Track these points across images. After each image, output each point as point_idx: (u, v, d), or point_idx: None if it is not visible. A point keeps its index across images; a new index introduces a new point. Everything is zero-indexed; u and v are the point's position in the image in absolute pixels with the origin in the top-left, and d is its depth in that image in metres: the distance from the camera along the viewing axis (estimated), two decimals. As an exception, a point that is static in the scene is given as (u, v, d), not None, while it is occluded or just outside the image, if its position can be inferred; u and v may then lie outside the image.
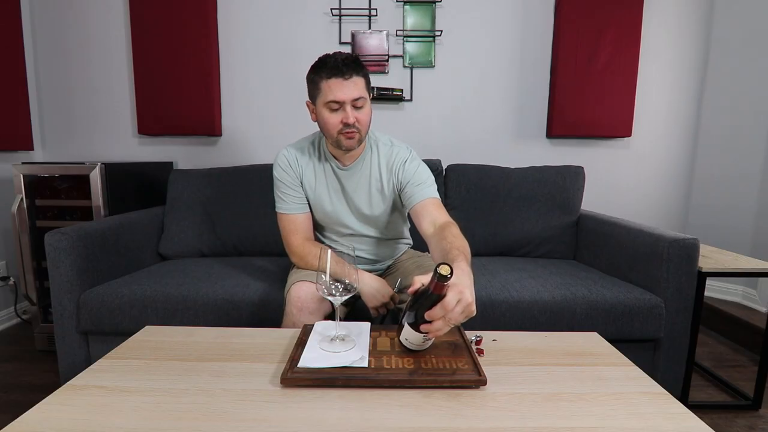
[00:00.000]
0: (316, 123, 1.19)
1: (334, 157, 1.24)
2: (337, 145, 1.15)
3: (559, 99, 2.14)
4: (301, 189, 1.26)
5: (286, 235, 1.25)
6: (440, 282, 0.70)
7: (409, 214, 1.22)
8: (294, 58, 2.16)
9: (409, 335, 0.79)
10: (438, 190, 1.22)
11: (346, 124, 1.10)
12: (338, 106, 1.09)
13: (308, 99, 1.17)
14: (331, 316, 1.13)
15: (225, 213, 1.81)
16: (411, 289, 0.77)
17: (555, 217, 1.84)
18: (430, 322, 0.73)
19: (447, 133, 2.24)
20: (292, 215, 1.25)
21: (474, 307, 0.74)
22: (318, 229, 1.35)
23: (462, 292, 0.72)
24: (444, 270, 0.70)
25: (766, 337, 1.43)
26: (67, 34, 2.17)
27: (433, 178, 1.23)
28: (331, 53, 1.10)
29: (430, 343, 0.82)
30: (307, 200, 1.27)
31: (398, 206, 1.30)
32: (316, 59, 1.12)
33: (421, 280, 0.77)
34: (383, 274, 1.39)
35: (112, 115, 2.22)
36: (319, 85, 1.10)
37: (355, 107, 1.10)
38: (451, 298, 0.71)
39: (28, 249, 1.74)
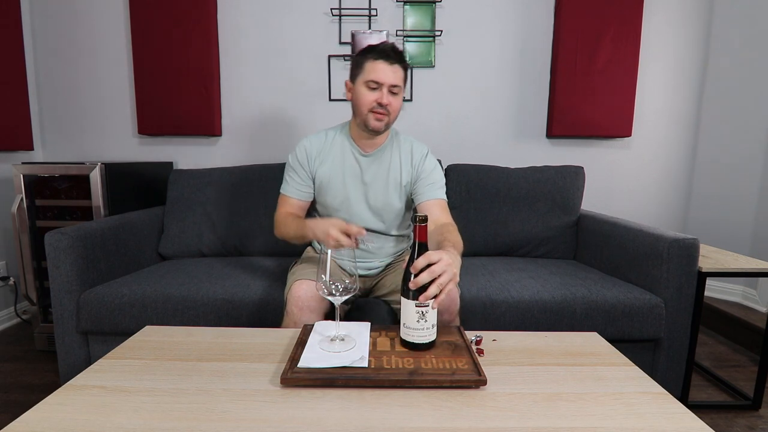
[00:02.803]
0: (348, 104, 1.27)
1: (357, 145, 1.28)
2: (365, 124, 1.21)
3: (559, 99, 2.14)
4: (310, 182, 1.30)
5: (277, 209, 1.31)
6: (420, 224, 0.81)
7: (414, 208, 1.28)
8: (294, 58, 2.16)
9: (405, 317, 0.82)
10: (439, 190, 1.26)
11: (380, 104, 1.17)
12: (376, 86, 1.17)
13: (348, 79, 1.25)
14: (331, 313, 1.13)
15: (225, 213, 1.81)
16: (404, 265, 0.85)
17: (555, 217, 1.84)
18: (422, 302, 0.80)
19: (447, 133, 2.24)
20: (291, 198, 1.30)
21: (456, 270, 0.82)
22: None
23: (441, 253, 0.81)
24: (421, 215, 0.82)
25: (766, 337, 1.43)
26: (67, 34, 2.17)
27: (444, 180, 1.30)
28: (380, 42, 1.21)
29: (429, 334, 0.83)
30: (314, 190, 1.31)
31: (409, 204, 1.34)
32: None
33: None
34: (382, 272, 1.39)
35: (112, 115, 2.22)
36: (363, 65, 1.18)
37: (391, 92, 1.18)
38: (432, 252, 0.81)
39: (28, 249, 1.74)
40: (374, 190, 1.29)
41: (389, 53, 1.16)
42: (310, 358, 0.78)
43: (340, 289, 0.84)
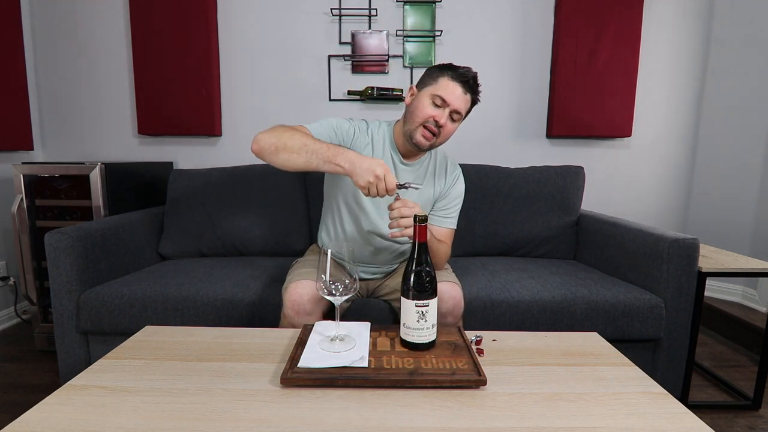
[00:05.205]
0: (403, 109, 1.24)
1: (399, 150, 1.26)
2: (410, 135, 1.18)
3: (559, 99, 2.14)
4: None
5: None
6: (420, 224, 0.84)
7: None
8: (294, 58, 2.16)
9: (405, 317, 0.84)
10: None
11: (436, 122, 1.14)
12: (441, 104, 1.14)
13: (414, 85, 1.22)
14: (329, 313, 1.13)
15: (225, 213, 1.81)
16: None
17: (555, 217, 1.84)
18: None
19: (447, 133, 2.24)
20: (308, 130, 1.16)
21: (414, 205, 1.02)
22: (341, 223, 1.31)
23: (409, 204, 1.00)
24: (421, 215, 0.85)
25: (766, 337, 1.43)
26: (67, 35, 2.17)
27: (460, 207, 1.32)
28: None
29: (429, 334, 0.83)
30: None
31: None
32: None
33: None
34: (383, 278, 1.38)
35: (112, 115, 2.22)
36: (437, 79, 1.15)
37: (451, 117, 1.16)
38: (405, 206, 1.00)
39: (28, 249, 1.74)
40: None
41: (469, 81, 1.15)
42: (310, 358, 0.78)
43: (340, 289, 0.84)
